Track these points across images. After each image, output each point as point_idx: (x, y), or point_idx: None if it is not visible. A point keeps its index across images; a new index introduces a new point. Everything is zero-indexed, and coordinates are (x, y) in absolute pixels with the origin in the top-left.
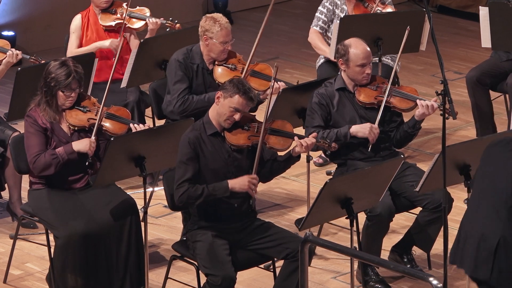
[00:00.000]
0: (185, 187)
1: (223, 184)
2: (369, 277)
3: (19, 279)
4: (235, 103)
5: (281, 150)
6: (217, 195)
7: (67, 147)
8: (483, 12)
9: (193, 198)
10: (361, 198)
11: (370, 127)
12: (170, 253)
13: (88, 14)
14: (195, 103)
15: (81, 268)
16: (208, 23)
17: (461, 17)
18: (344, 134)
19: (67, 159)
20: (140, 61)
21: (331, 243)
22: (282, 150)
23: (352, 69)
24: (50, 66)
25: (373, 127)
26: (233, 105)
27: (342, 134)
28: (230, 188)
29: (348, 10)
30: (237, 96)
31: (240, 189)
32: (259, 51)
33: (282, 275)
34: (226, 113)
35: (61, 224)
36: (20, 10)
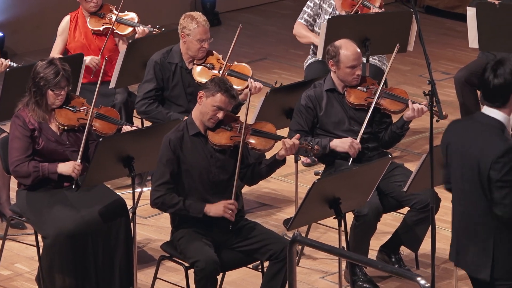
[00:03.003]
0: (162, 191)
1: (200, 206)
2: (357, 276)
3: (8, 280)
4: (218, 101)
5: (263, 151)
6: (189, 213)
7: (52, 166)
8: (471, 12)
9: (167, 206)
10: (349, 198)
11: (350, 142)
12: (158, 253)
13: (77, 16)
14: (156, 113)
15: (68, 268)
16: (186, 20)
17: (449, 17)
18: (324, 146)
19: (47, 176)
20: (129, 62)
21: (319, 243)
22: (264, 150)
23: (342, 71)
24: (38, 66)
25: (353, 142)
26: (216, 104)
27: (322, 145)
28: (205, 211)
29: (336, 4)
30: (219, 94)
31: (215, 215)
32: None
33: (267, 276)
34: (209, 112)
35: (48, 224)
36: (8, 11)
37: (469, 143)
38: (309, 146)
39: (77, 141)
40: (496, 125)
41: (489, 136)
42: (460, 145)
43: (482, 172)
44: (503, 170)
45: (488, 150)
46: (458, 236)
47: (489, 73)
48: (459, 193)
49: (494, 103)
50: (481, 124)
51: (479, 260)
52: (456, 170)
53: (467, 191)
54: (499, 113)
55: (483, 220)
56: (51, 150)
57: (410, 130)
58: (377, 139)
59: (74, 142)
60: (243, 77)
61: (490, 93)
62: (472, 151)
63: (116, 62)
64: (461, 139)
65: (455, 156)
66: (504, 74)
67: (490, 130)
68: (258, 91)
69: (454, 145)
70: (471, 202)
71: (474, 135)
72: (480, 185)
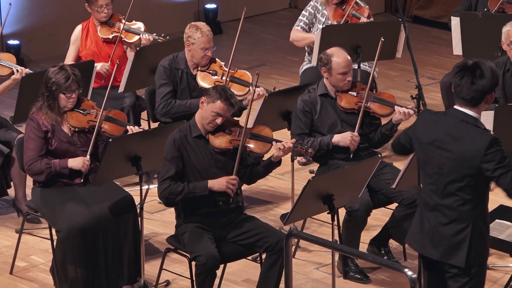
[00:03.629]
0: (167, 183)
1: (203, 184)
2: (349, 268)
3: (25, 270)
4: (217, 108)
5: (260, 154)
6: (196, 193)
7: (63, 162)
8: (455, 22)
9: (174, 194)
10: (341, 195)
11: (351, 136)
12: (164, 246)
13: (88, 25)
14: (176, 107)
15: (80, 260)
16: (191, 30)
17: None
18: (327, 143)
19: (59, 171)
20: (136, 68)
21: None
22: (261, 154)
23: (334, 77)
24: (50, 72)
25: (353, 135)
26: (215, 110)
27: (325, 143)
28: (209, 187)
29: (328, 14)
30: (219, 101)
31: (219, 189)
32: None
33: (265, 266)
34: (208, 117)
35: (62, 218)
36: (24, 21)
37: (447, 139)
38: (303, 149)
39: (88, 141)
40: (471, 121)
41: (470, 133)
42: (436, 139)
43: (471, 166)
44: (495, 159)
45: (474, 147)
46: (432, 225)
47: (467, 76)
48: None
49: (469, 103)
50: (457, 120)
51: (456, 247)
52: (431, 165)
53: (447, 184)
54: (471, 111)
55: (464, 209)
56: (63, 150)
57: (398, 132)
58: (367, 139)
59: (85, 142)
60: (245, 83)
61: (466, 94)
62: (454, 147)
63: (125, 68)
64: (436, 133)
65: (430, 150)
66: (482, 78)
67: (467, 127)
68: (261, 97)
69: (428, 141)
70: (452, 194)
71: (454, 131)
72: (464, 178)
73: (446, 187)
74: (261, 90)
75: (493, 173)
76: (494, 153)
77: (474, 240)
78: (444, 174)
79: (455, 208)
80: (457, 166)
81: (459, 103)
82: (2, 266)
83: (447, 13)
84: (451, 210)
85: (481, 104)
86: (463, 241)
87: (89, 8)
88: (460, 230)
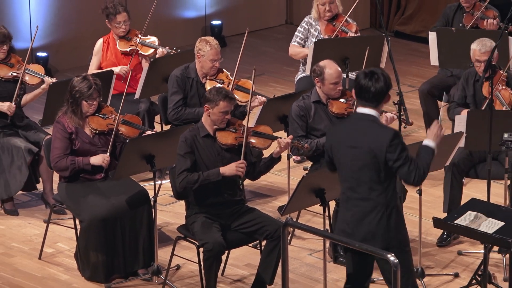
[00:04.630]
0: (184, 174)
1: (216, 170)
2: (338, 253)
3: (52, 256)
4: (223, 107)
5: (262, 149)
6: (210, 179)
7: (85, 159)
8: (432, 36)
9: (191, 183)
10: (332, 189)
11: None
12: (175, 234)
13: (109, 39)
14: (186, 114)
15: (101, 247)
16: (201, 43)
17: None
18: (322, 145)
19: (82, 167)
20: (151, 76)
21: (307, 226)
22: (262, 148)
23: (327, 86)
24: (74, 81)
25: None
26: (222, 110)
27: (321, 144)
28: (221, 173)
29: (321, 29)
30: (221, 102)
31: (230, 173)
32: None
33: (265, 252)
34: (219, 118)
35: (84, 210)
36: (51, 36)
37: (356, 137)
38: (300, 144)
39: (107, 142)
40: (374, 119)
41: (374, 128)
42: (347, 141)
43: (378, 157)
44: (397, 150)
45: (380, 139)
46: (355, 216)
47: (367, 81)
48: (352, 181)
49: (371, 104)
50: (362, 120)
51: (377, 231)
52: (344, 162)
53: (361, 178)
54: (372, 111)
55: (378, 199)
56: (85, 150)
57: None
58: None
59: (104, 143)
60: (248, 91)
61: (368, 96)
62: (364, 143)
63: (140, 77)
64: (346, 136)
65: (343, 151)
66: (380, 82)
67: (371, 123)
68: (262, 104)
69: (339, 143)
70: (366, 187)
71: (361, 130)
72: (375, 170)
73: (360, 180)
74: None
75: (394, 163)
76: (396, 145)
77: (391, 223)
78: (357, 169)
79: (370, 199)
80: (367, 159)
81: (362, 105)
82: (32, 252)
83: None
84: (367, 201)
85: (381, 104)
86: (382, 225)
87: (109, 24)
88: (379, 218)
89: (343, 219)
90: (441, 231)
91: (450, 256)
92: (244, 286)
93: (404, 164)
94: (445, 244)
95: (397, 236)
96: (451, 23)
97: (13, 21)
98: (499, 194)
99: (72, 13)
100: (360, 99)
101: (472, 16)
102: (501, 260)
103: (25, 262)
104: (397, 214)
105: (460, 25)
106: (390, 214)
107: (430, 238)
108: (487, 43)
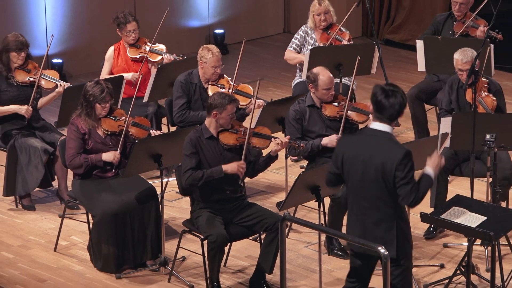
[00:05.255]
0: (190, 173)
1: (218, 168)
2: (333, 246)
3: (66, 248)
4: (229, 111)
5: (261, 148)
6: (214, 176)
7: (97, 156)
8: (419, 44)
9: (196, 180)
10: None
11: (336, 139)
12: (181, 228)
13: (119, 46)
14: (190, 117)
15: (112, 240)
16: (203, 51)
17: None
18: (317, 145)
19: (94, 164)
20: (158, 81)
21: (304, 221)
22: (262, 148)
23: (320, 92)
24: (87, 86)
25: (338, 138)
26: (229, 113)
27: (316, 145)
28: (223, 170)
29: (316, 37)
30: (228, 105)
31: (231, 171)
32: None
33: (264, 243)
34: (227, 121)
35: (96, 205)
36: (66, 43)
37: (370, 152)
38: (296, 144)
39: (118, 143)
40: (389, 137)
41: (388, 146)
42: (360, 154)
43: (388, 173)
44: (405, 169)
45: (392, 156)
46: (364, 225)
47: (384, 97)
48: (361, 193)
49: (386, 120)
50: (377, 137)
51: (386, 241)
52: (355, 174)
53: (371, 190)
54: (386, 126)
55: (387, 211)
56: (98, 149)
57: None
58: None
59: (115, 143)
60: (247, 95)
61: (385, 112)
62: (376, 158)
63: (148, 81)
64: (359, 149)
65: (354, 163)
66: (397, 98)
67: (386, 141)
68: (261, 107)
69: (351, 155)
70: (376, 198)
71: (375, 146)
72: (384, 184)
73: (369, 192)
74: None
75: (400, 180)
76: (405, 164)
77: (399, 236)
78: (367, 181)
79: (380, 210)
80: (377, 173)
81: (379, 120)
82: (48, 244)
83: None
84: (377, 212)
85: (396, 119)
86: (391, 237)
87: (119, 33)
88: (387, 228)
89: (353, 227)
90: (428, 224)
91: (436, 249)
92: (245, 276)
93: (408, 184)
94: (431, 237)
95: (404, 249)
96: (441, 30)
97: (30, 30)
98: (481, 191)
99: (85, 23)
100: (376, 113)
101: (462, 24)
102: (483, 252)
103: (41, 254)
104: (404, 228)
105: (450, 32)
106: (398, 227)
107: (418, 232)
108: (468, 53)
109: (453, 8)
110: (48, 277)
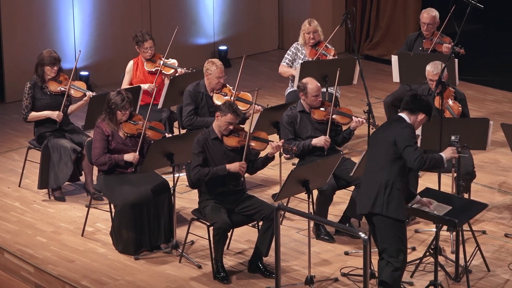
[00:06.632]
0: (197, 169)
1: (223, 166)
2: (320, 231)
3: (92, 233)
4: (229, 119)
5: (260, 150)
6: (219, 174)
7: (120, 156)
8: (394, 59)
9: (203, 176)
10: (315, 180)
11: (324, 139)
12: (190, 216)
13: (138, 61)
14: (197, 122)
15: (131, 226)
16: (208, 64)
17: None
18: (308, 145)
19: (117, 162)
20: (171, 91)
21: (295, 210)
22: (260, 150)
23: (309, 98)
24: (110, 95)
25: (326, 139)
26: (228, 120)
27: (306, 145)
28: (227, 168)
29: (306, 53)
30: (229, 114)
31: (234, 170)
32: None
33: (261, 230)
34: (223, 126)
35: (118, 197)
36: (92, 58)
37: (384, 128)
38: (289, 147)
39: (136, 144)
40: (400, 119)
41: (397, 123)
42: (379, 131)
43: (391, 140)
44: (407, 132)
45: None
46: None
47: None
48: (369, 161)
49: (408, 108)
50: (393, 119)
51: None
52: (372, 147)
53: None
54: (405, 115)
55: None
56: (119, 149)
57: (354, 136)
58: (333, 141)
59: (134, 144)
60: (246, 102)
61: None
62: (386, 132)
63: (162, 91)
64: (380, 128)
65: (373, 139)
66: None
67: (397, 121)
68: (258, 111)
69: (375, 133)
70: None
71: (389, 123)
72: (386, 151)
73: (375, 160)
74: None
75: (403, 143)
76: (407, 128)
77: (394, 193)
78: (375, 150)
79: (378, 175)
80: (384, 142)
81: (402, 111)
82: (76, 230)
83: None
84: (376, 177)
85: (417, 114)
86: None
87: (137, 49)
88: (385, 186)
89: (359, 191)
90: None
91: (409, 234)
92: (245, 257)
93: (411, 146)
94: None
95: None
96: (412, 47)
97: (61, 47)
98: (447, 184)
99: (108, 40)
100: (403, 107)
101: (431, 42)
102: (449, 237)
103: (70, 238)
104: (398, 193)
105: (420, 48)
106: (390, 191)
107: None
108: (438, 66)
109: (422, 28)
110: (76, 258)
